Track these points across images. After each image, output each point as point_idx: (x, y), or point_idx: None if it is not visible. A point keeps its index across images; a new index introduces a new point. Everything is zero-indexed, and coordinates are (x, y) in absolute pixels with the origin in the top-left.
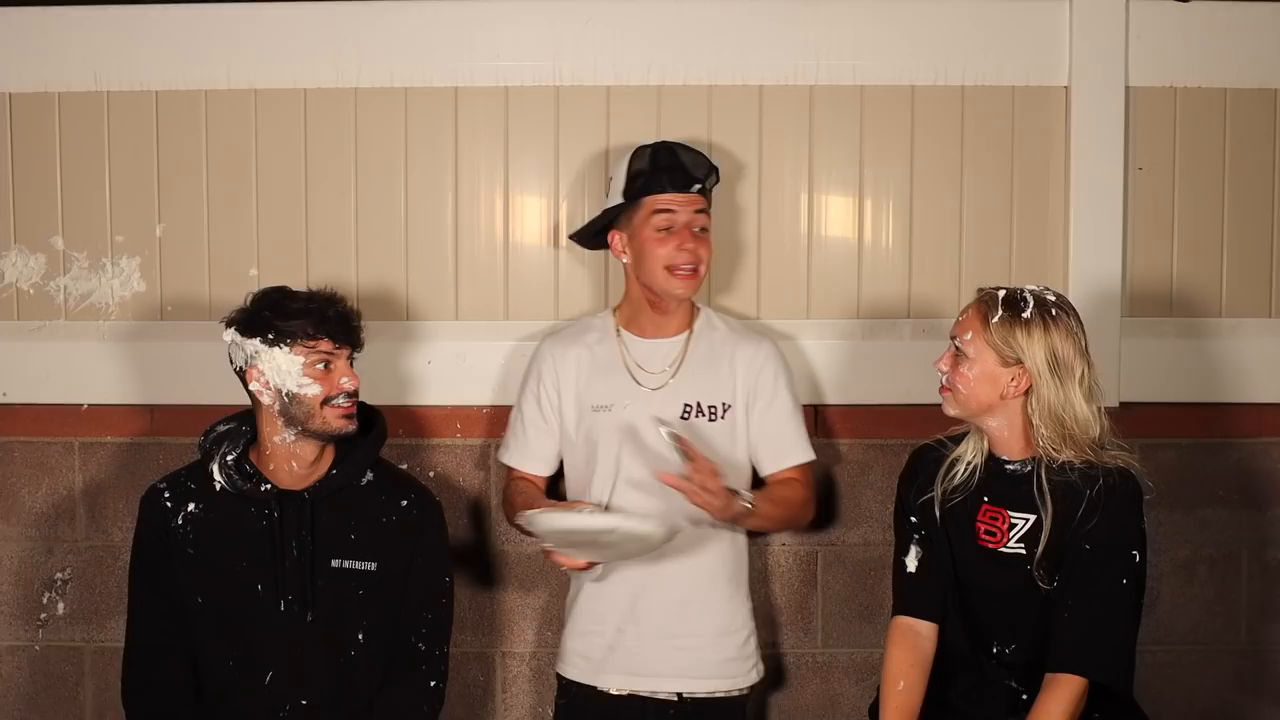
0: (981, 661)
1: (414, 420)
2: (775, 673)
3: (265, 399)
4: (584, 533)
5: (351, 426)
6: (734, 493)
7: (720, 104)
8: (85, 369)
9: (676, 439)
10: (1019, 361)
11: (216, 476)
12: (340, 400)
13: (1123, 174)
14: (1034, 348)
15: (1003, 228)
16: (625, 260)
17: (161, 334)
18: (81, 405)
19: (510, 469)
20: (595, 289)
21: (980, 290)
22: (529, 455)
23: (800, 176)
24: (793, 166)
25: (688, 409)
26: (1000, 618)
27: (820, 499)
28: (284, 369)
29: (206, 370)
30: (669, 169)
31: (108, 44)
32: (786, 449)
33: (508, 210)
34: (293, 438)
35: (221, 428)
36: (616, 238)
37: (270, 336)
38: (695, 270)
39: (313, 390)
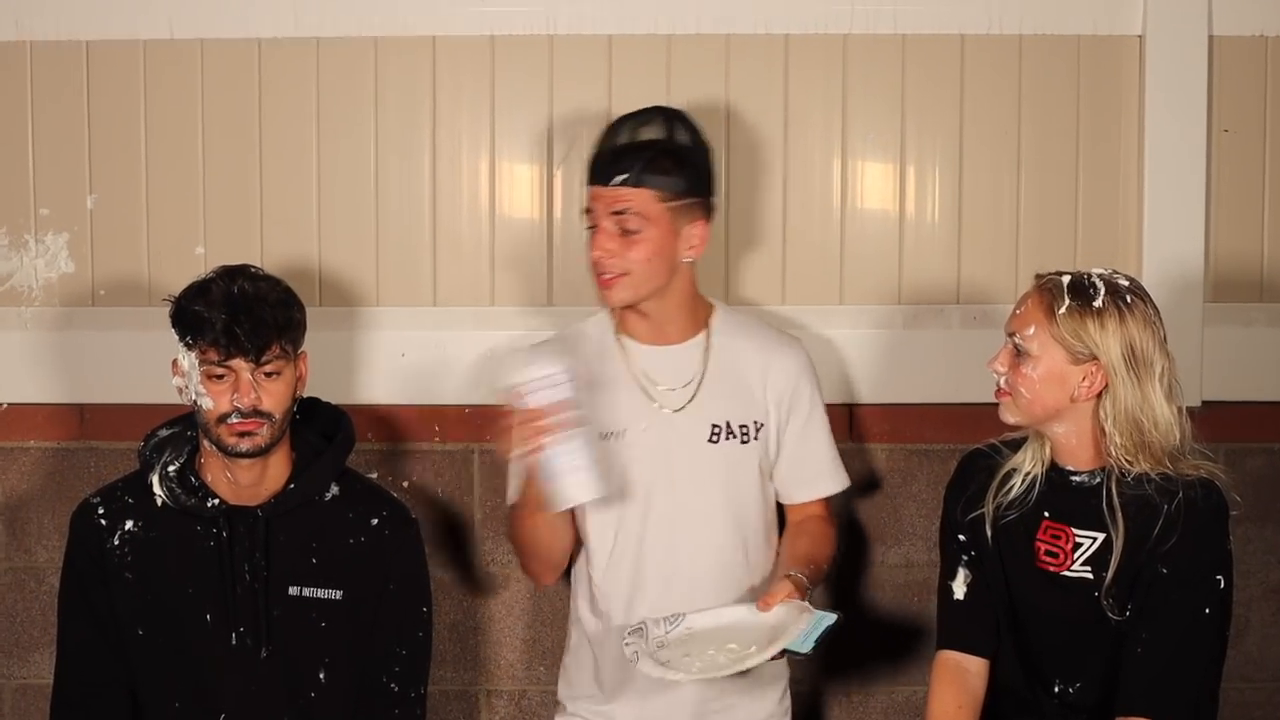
0: (1041, 702)
1: (386, 422)
2: (804, 715)
3: (185, 399)
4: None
5: (244, 446)
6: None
7: (739, 56)
8: (4, 362)
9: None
10: (1092, 358)
11: (157, 490)
12: (233, 419)
13: (1205, 138)
14: (1109, 341)
15: (1066, 201)
16: None
17: (94, 322)
18: (0, 405)
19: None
20: None
21: (1039, 277)
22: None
23: (832, 141)
24: (823, 130)
25: (716, 431)
26: (1062, 652)
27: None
28: (189, 372)
29: (146, 364)
30: (598, 154)
31: None
32: (821, 476)
33: (494, 179)
34: (216, 449)
35: (164, 432)
36: None
37: (177, 331)
38: (616, 277)
39: (206, 403)
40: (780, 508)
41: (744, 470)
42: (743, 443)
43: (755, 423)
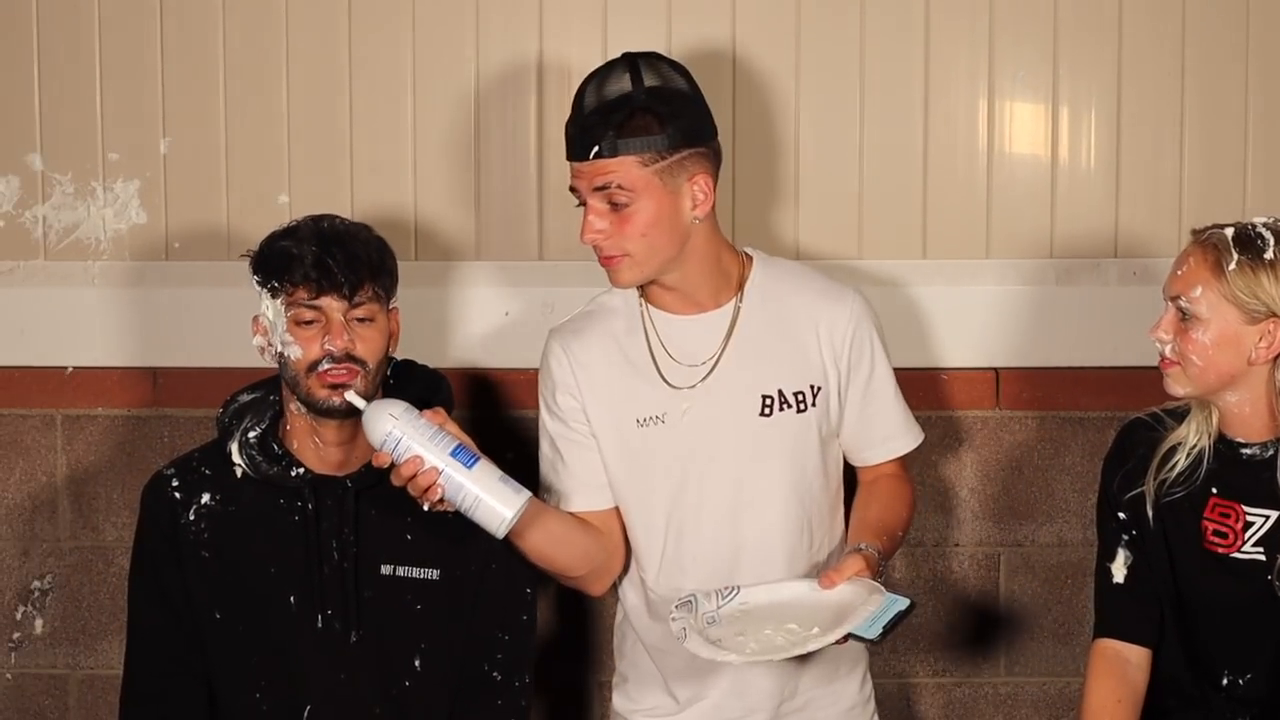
0: (1208, 695)
1: (488, 387)
2: (947, 707)
3: (268, 359)
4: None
5: (337, 399)
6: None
7: None
8: (70, 322)
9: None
10: (1270, 315)
11: (236, 459)
12: (325, 365)
13: None
14: None
15: (1234, 146)
16: None
17: (167, 278)
18: (66, 369)
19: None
20: None
21: (1197, 232)
22: (581, 486)
23: (978, 76)
24: (968, 63)
25: (768, 403)
26: (1232, 641)
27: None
28: (274, 322)
29: (225, 324)
30: (568, 126)
31: None
32: (893, 435)
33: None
34: (303, 410)
35: (245, 397)
36: None
37: (259, 279)
38: (617, 258)
39: (294, 352)
40: (848, 468)
41: (804, 442)
42: (799, 411)
43: (812, 387)
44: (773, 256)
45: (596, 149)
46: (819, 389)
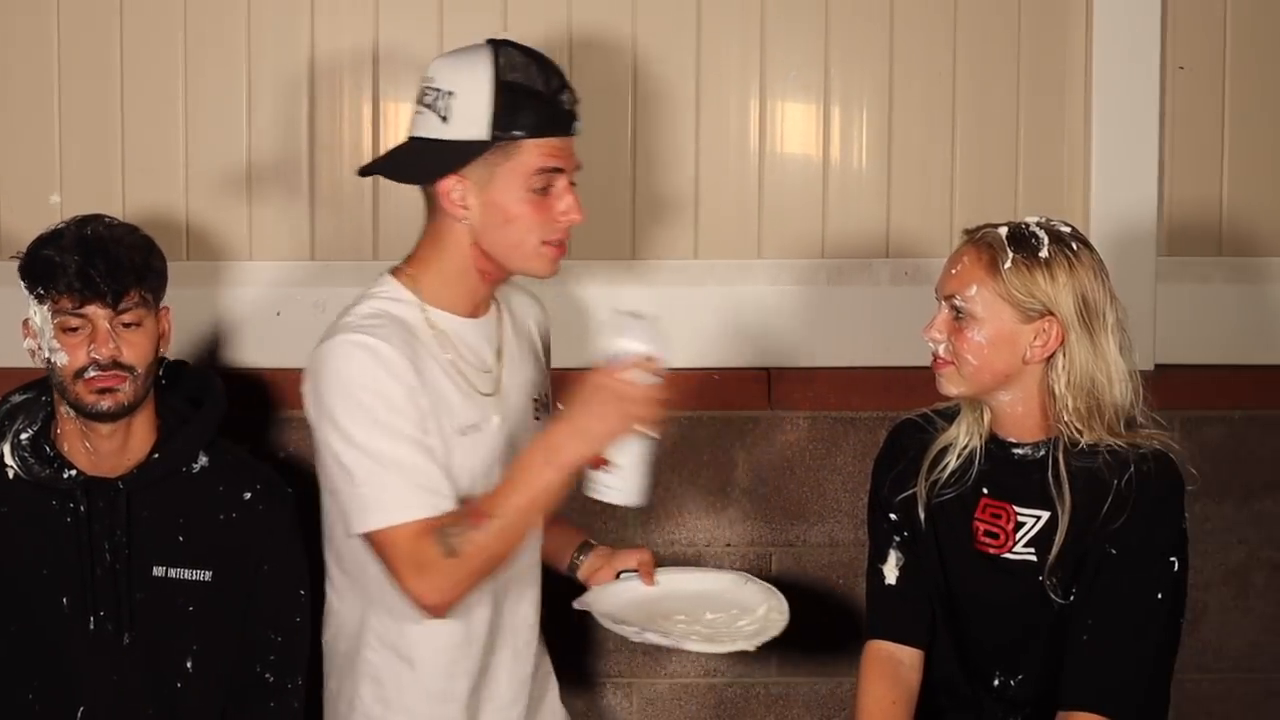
0: (979, 696)
1: (260, 387)
2: (718, 707)
3: (38, 362)
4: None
5: (105, 404)
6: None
7: None
8: None
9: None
10: (1044, 314)
11: (8, 460)
12: (91, 372)
13: (1159, 75)
14: (1062, 293)
15: (1006, 145)
16: (464, 220)
17: None
18: None
19: (415, 525)
20: None
21: (969, 232)
22: (441, 482)
23: (750, 78)
24: (740, 65)
25: (537, 407)
26: (1003, 641)
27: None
28: (42, 328)
29: None
30: (549, 97)
31: None
32: None
33: (378, 121)
34: (73, 414)
35: (16, 398)
36: (455, 187)
37: (26, 285)
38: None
39: (61, 358)
40: None
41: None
42: (536, 418)
43: (545, 393)
44: None
45: (579, 122)
46: (548, 394)
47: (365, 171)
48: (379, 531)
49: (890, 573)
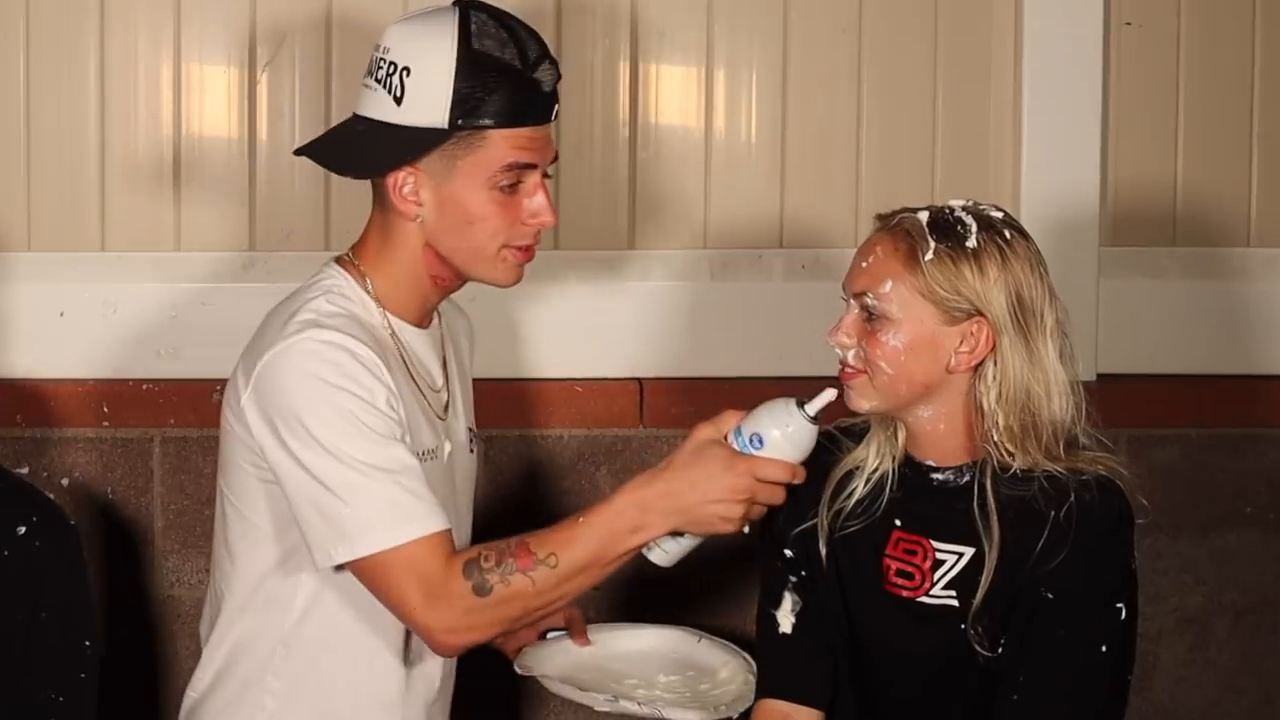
0: None
1: (38, 401)
2: None
3: None
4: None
5: None
6: None
7: None
8: None
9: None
10: (972, 314)
11: None
12: None
13: (1102, 35)
14: (993, 290)
15: (921, 117)
16: (416, 218)
17: None
18: None
19: (424, 542)
20: (313, 208)
21: (882, 218)
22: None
23: (619, 38)
24: (607, 23)
25: (472, 440)
26: (917, 701)
27: None
28: None
29: None
30: (526, 79)
31: None
32: None
33: (180, 89)
34: None
35: None
36: (406, 180)
37: None
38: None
39: None
40: None
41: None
42: (471, 452)
43: (474, 423)
44: None
45: (558, 107)
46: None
47: (300, 152)
48: (378, 555)
49: (784, 619)
